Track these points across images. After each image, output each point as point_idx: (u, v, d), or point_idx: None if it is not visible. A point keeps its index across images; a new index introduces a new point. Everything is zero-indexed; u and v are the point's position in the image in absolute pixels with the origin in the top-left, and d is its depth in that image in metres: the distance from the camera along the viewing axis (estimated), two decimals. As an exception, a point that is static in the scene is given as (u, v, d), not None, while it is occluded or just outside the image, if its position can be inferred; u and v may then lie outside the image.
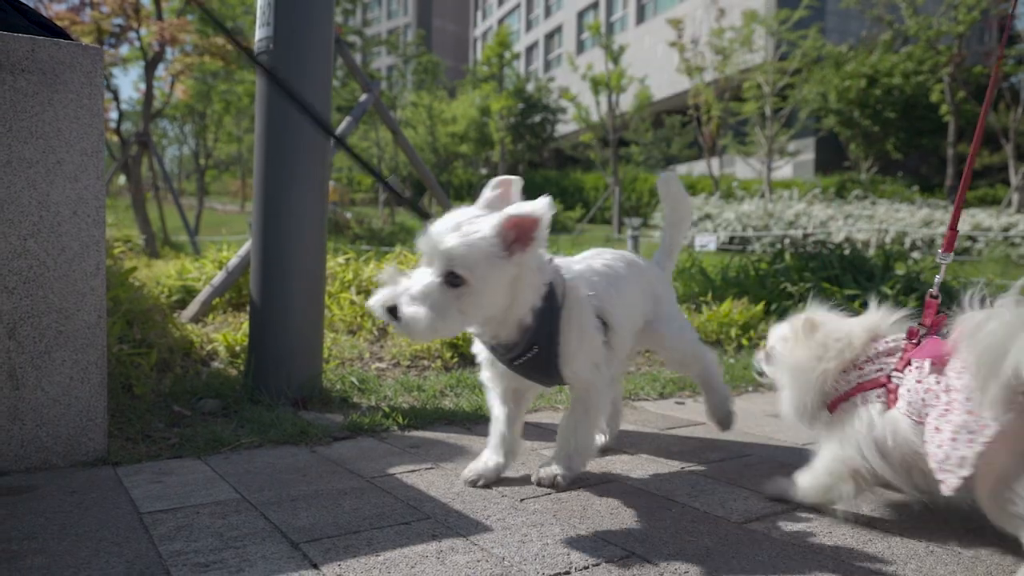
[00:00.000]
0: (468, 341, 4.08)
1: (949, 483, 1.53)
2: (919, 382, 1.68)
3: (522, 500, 1.99)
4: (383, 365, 3.95)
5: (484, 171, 35.52)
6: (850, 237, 18.36)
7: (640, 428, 2.85)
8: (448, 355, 3.97)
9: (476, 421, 2.90)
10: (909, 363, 1.75)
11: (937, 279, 1.91)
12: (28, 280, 2.21)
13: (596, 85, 28.04)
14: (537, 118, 35.42)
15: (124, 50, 19.65)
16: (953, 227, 1.95)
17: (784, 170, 27.89)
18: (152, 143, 13.83)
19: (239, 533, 1.73)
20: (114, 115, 17.61)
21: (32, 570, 1.52)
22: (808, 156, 30.77)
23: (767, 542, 1.70)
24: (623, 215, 26.12)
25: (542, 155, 38.04)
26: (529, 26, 47.36)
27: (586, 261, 2.22)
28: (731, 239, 20.94)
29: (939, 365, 1.66)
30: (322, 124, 2.78)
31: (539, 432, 2.75)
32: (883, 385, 1.77)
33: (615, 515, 1.87)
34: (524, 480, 2.16)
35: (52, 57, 2.22)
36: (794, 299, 5.41)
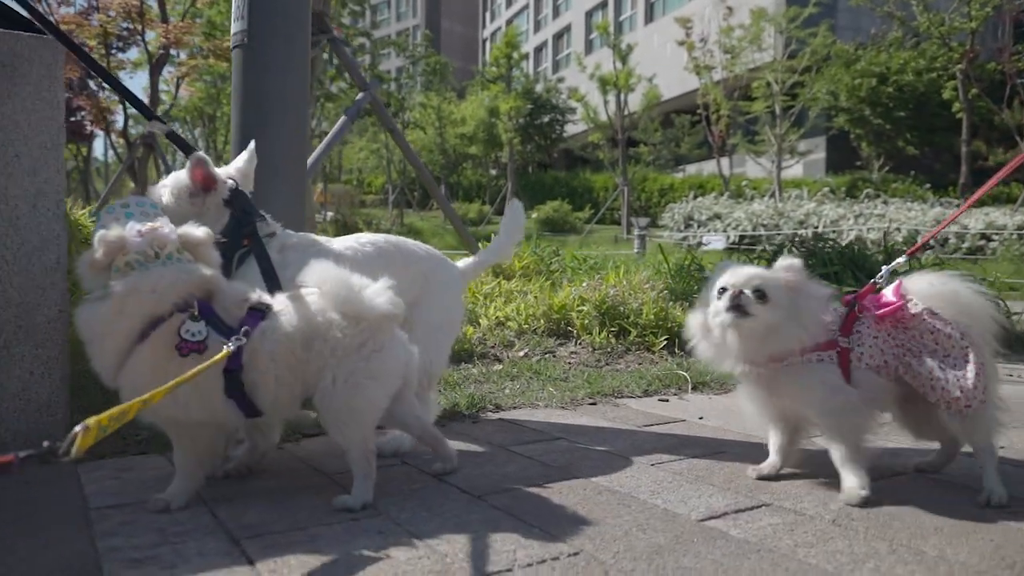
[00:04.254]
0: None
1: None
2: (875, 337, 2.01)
3: (480, 496, 1.94)
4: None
5: (494, 172, 35.50)
6: (860, 236, 18.17)
7: (617, 425, 2.80)
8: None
9: (452, 418, 2.85)
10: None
11: (884, 270, 2.11)
12: (-14, 274, 2.19)
13: (604, 85, 27.95)
14: (546, 119, 35.35)
15: (133, 54, 19.80)
16: (918, 247, 2.23)
17: (795, 169, 27.65)
18: (158, 145, 13.89)
19: (183, 529, 1.70)
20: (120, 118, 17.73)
21: (-37, 566, 1.49)
22: (819, 155, 30.50)
23: (723, 540, 1.65)
24: (632, 215, 26.00)
25: (551, 156, 37.95)
26: (537, 27, 47.30)
27: None
28: (741, 238, 20.78)
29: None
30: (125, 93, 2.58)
31: (518, 429, 2.70)
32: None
33: (572, 513, 1.82)
34: (487, 475, 2.12)
35: (11, 50, 2.20)
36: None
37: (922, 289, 2.03)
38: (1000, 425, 1.95)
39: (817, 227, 19.29)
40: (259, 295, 1.94)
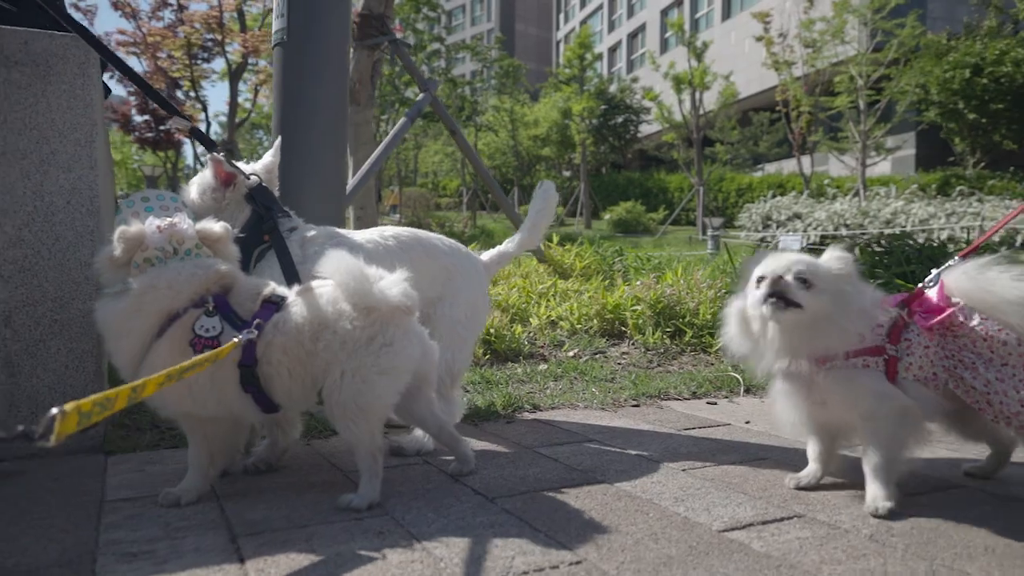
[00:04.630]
0: (501, 339, 3.97)
1: None
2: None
3: (492, 499, 1.86)
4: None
5: (567, 173, 35.34)
6: (953, 236, 17.19)
7: (656, 428, 2.66)
8: (480, 351, 3.86)
9: (486, 418, 2.78)
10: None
11: (933, 273, 1.94)
12: (23, 269, 2.25)
13: (679, 83, 27.40)
14: (620, 119, 34.93)
15: (218, 65, 20.63)
16: (973, 248, 2.01)
17: (882, 166, 26.41)
18: (237, 150, 14.37)
19: (187, 524, 1.68)
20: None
21: (-33, 553, 1.51)
22: (908, 151, 29.06)
23: (741, 553, 1.51)
24: (708, 216, 25.41)
25: (625, 156, 37.47)
26: (612, 27, 46.83)
27: None
28: (822, 239, 19.99)
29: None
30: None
31: (551, 430, 2.61)
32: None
33: (585, 519, 1.72)
34: (505, 477, 2.03)
35: (45, 49, 2.25)
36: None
37: (960, 283, 1.86)
38: None
39: (905, 226, 18.37)
40: (273, 288, 1.91)
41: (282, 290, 1.92)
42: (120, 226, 1.81)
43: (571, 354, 4.06)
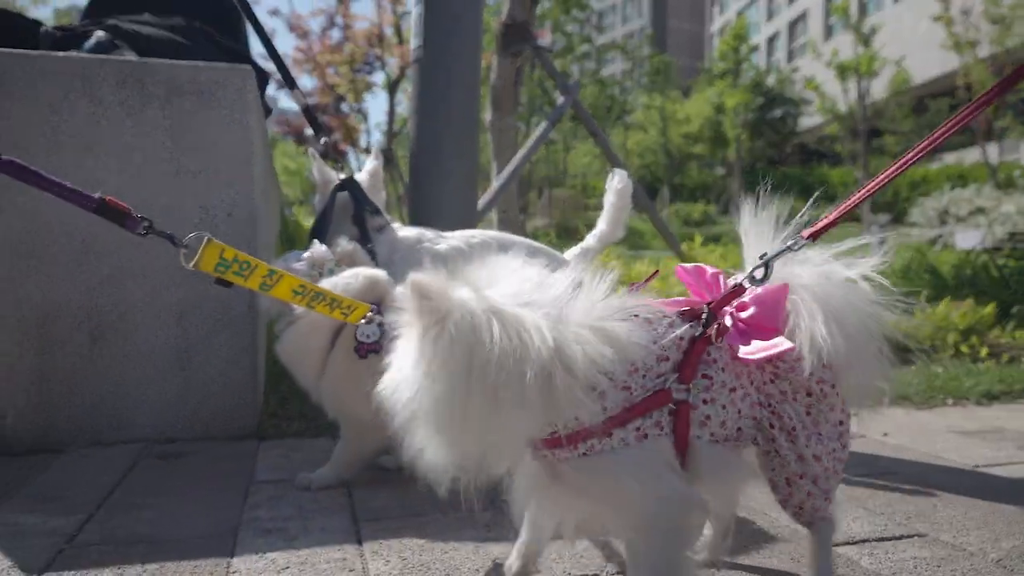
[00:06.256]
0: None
1: None
2: None
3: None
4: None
5: (720, 171, 34.26)
6: None
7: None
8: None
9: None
10: None
11: (762, 258, 1.24)
12: (193, 274, 2.53)
13: (843, 71, 25.77)
14: (778, 112, 33.41)
15: (379, 77, 21.86)
16: (825, 226, 1.28)
17: (1086, 153, 23.53)
18: (395, 158, 15.17)
19: (317, 507, 1.86)
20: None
21: (138, 520, 1.75)
22: (1119, 135, 25.66)
23: (847, 568, 1.46)
24: (875, 212, 23.74)
25: (784, 151, 35.77)
26: (770, 15, 44.84)
27: None
28: (1011, 235, 18.10)
29: None
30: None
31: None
32: None
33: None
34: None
35: (209, 79, 2.55)
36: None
37: (806, 276, 1.26)
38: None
39: (1113, 221, 16.25)
40: None
41: None
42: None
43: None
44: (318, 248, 2.01)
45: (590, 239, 2.53)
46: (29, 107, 2.38)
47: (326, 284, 1.87)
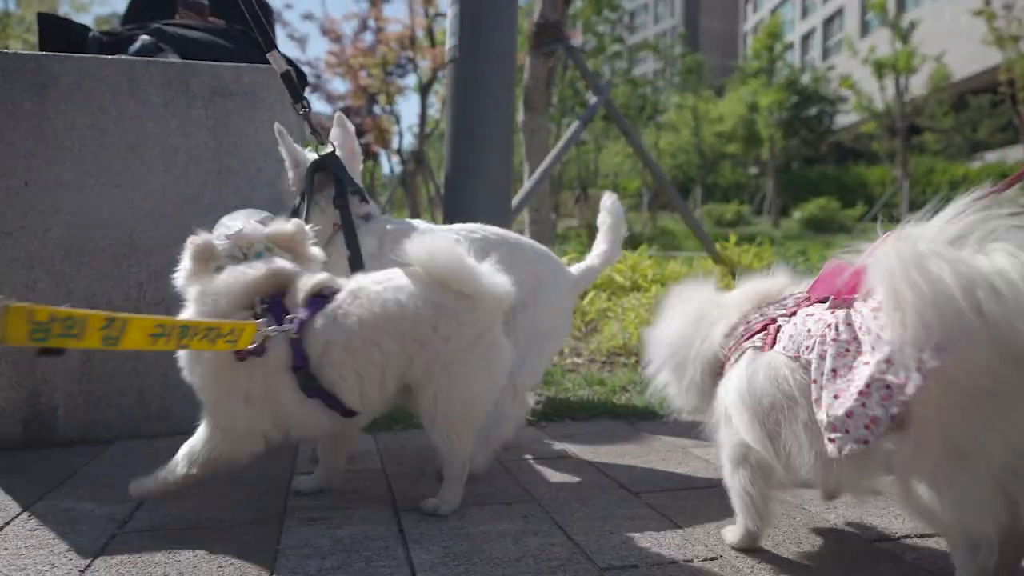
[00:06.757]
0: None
1: (843, 448, 1.16)
2: (810, 315, 1.33)
3: (637, 493, 1.91)
4: (580, 360, 3.99)
5: (754, 170, 33.88)
6: None
7: (821, 434, 2.56)
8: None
9: (643, 417, 2.82)
10: (799, 308, 1.40)
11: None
12: (235, 271, 2.61)
13: (880, 68, 25.34)
14: (813, 111, 32.96)
15: (411, 80, 22.05)
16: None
17: None
18: (427, 160, 15.29)
19: (358, 497, 1.89)
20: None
21: (185, 508, 1.81)
22: None
23: (890, 563, 1.45)
24: (913, 212, 23.29)
25: (819, 150, 35.25)
26: (805, 12, 44.24)
27: None
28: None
29: (844, 301, 1.30)
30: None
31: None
32: (764, 328, 1.41)
33: (726, 518, 1.72)
34: (654, 473, 2.07)
35: (253, 80, 2.60)
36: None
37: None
38: None
39: None
40: (323, 280, 1.73)
41: (340, 282, 1.75)
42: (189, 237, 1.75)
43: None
44: (251, 226, 1.78)
45: (594, 259, 2.40)
46: (78, 108, 2.45)
47: (224, 275, 1.69)
